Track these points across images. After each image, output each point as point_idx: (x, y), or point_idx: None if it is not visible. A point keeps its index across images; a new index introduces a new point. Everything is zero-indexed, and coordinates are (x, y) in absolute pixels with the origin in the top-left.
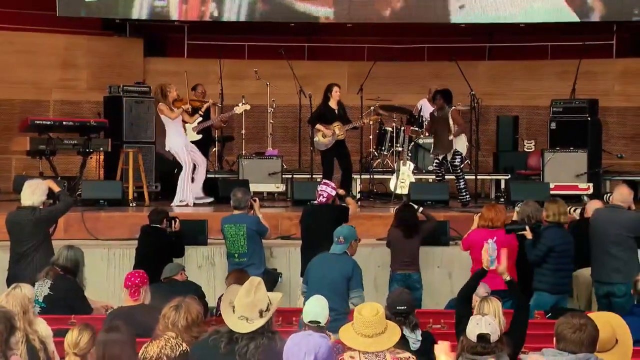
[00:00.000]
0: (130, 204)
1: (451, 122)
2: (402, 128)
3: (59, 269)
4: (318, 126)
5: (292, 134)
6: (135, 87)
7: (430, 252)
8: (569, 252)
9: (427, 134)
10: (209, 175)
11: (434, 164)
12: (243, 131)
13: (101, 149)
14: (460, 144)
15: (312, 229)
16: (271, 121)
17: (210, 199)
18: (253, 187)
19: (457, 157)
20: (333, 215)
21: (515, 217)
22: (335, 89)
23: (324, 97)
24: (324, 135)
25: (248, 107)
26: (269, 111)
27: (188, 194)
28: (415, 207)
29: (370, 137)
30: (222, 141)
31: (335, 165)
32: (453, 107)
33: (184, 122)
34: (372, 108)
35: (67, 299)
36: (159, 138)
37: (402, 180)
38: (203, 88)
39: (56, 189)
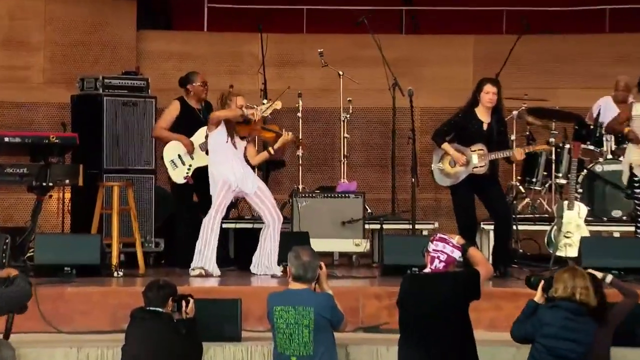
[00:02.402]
0: (115, 274)
1: None
2: (567, 146)
3: None
4: (445, 146)
5: (381, 156)
6: (123, 79)
7: (627, 357)
8: (571, 353)
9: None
10: (239, 225)
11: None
12: (299, 152)
13: (67, 181)
14: None
15: (419, 315)
16: (346, 135)
17: (280, 273)
18: (316, 245)
19: None
20: (454, 289)
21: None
22: (489, 88)
23: (471, 98)
24: (452, 164)
25: (278, 105)
26: (342, 119)
27: (210, 256)
28: (600, 276)
29: None
30: (266, 169)
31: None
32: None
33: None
34: (514, 113)
35: None
36: (162, 162)
37: (568, 233)
38: (203, 79)
39: (12, 272)
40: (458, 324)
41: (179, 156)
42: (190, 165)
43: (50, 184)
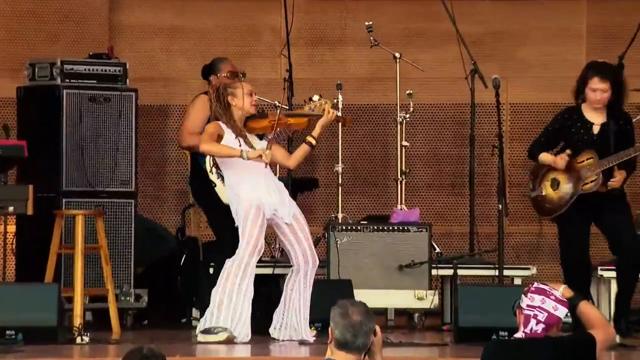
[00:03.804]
0: (79, 339)
1: None
2: None
3: None
4: (543, 157)
5: (454, 173)
6: (91, 64)
7: None
8: None
9: None
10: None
11: None
12: (339, 166)
13: (10, 209)
14: None
15: None
16: (404, 143)
17: (312, 338)
18: (362, 298)
19: None
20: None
21: None
22: (596, 83)
23: (575, 90)
24: (555, 185)
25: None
26: (398, 120)
27: (241, 314)
28: None
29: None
30: (292, 188)
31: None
32: None
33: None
34: None
35: None
36: (145, 181)
37: None
38: (233, 66)
39: None
40: None
41: None
42: None
43: None
